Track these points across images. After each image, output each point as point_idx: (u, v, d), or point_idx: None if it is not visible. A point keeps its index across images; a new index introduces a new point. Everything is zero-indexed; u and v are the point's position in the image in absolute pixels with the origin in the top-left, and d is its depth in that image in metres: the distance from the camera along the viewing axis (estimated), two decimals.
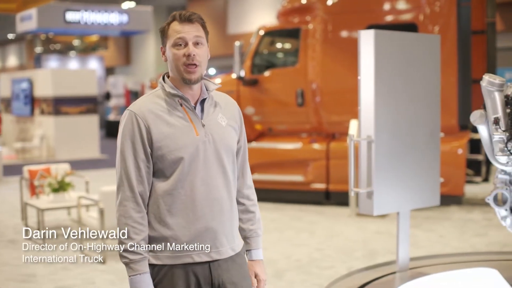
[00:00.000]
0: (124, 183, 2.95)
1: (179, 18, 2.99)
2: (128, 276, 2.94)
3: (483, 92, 4.91)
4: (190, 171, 2.95)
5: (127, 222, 2.93)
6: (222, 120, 3.08)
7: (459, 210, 10.71)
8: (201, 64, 2.98)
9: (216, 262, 3.02)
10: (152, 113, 2.96)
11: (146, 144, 2.94)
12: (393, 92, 5.55)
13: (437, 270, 5.92)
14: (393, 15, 11.04)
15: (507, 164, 4.95)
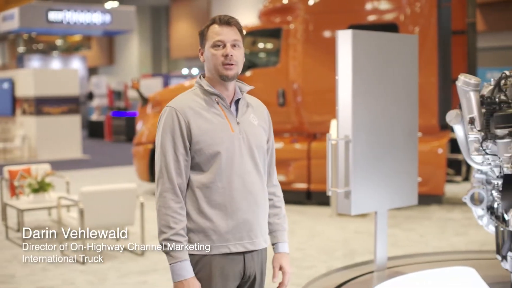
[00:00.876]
0: (164, 175, 3.10)
1: (219, 21, 3.17)
2: (169, 264, 3.08)
3: (459, 92, 4.94)
4: (227, 165, 3.12)
5: (167, 212, 3.06)
6: (254, 120, 3.26)
7: (440, 209, 10.76)
8: (238, 63, 3.16)
9: (250, 254, 3.21)
10: (192, 109, 3.13)
11: (185, 138, 3.10)
12: (371, 92, 5.57)
13: (415, 269, 5.95)
14: (374, 15, 11.07)
15: (482, 163, 4.98)
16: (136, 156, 12.37)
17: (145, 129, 12.32)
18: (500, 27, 22.55)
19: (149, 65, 37.03)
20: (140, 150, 12.25)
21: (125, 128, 24.71)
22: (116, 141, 25.36)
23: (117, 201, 7.87)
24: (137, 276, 7.16)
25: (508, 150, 4.41)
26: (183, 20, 33.74)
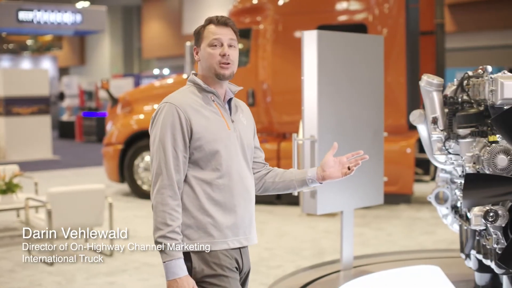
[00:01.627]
0: (163, 171, 3.10)
1: (216, 22, 3.22)
2: (163, 262, 3.07)
3: (422, 92, 4.99)
4: (227, 162, 3.15)
5: (164, 209, 3.06)
6: (244, 119, 3.33)
7: (408, 208, 10.83)
8: (233, 63, 3.21)
9: (244, 248, 3.27)
10: (191, 106, 3.15)
11: (186, 135, 3.12)
12: (336, 92, 5.60)
13: (381, 268, 6.00)
14: (343, 16, 11.12)
15: (445, 163, 5.03)
16: (106, 156, 12.31)
17: (115, 130, 12.27)
18: (469, 28, 22.75)
19: (120, 65, 36.87)
20: (109, 151, 12.19)
21: (96, 129, 24.55)
22: (87, 142, 25.20)
23: (85, 202, 7.83)
24: (106, 276, 7.13)
25: (470, 149, 4.45)
26: (154, 20, 33.65)
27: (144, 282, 6.91)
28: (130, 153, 11.97)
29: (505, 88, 4.17)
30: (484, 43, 22.92)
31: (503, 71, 4.32)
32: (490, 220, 4.06)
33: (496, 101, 4.21)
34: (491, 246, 4.31)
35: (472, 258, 5.06)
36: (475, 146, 4.41)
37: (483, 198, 3.90)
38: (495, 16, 21.88)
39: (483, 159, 4.10)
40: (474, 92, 4.69)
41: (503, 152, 4.05)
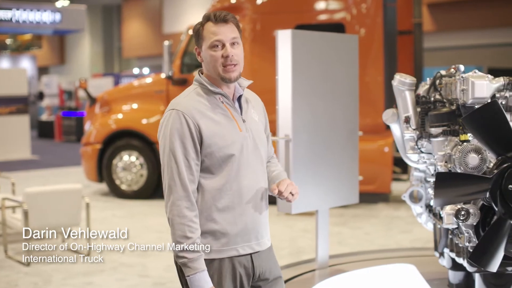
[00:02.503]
0: (177, 182, 2.98)
1: (214, 19, 3.03)
2: (187, 276, 2.98)
3: (395, 91, 5.01)
4: (239, 167, 3.04)
5: (182, 221, 2.97)
6: (255, 115, 3.20)
7: (386, 207, 10.88)
8: (239, 63, 3.05)
9: (257, 253, 3.14)
10: (198, 111, 3.01)
11: (196, 142, 2.99)
12: (311, 91, 5.61)
13: (356, 267, 6.02)
14: (321, 15, 11.13)
15: (418, 162, 5.05)
16: (84, 156, 12.27)
17: (93, 129, 12.22)
18: (448, 27, 22.86)
19: (101, 64, 36.72)
20: (88, 150, 12.15)
21: (76, 128, 24.45)
22: (67, 141, 25.09)
23: (62, 202, 7.79)
24: (83, 277, 7.10)
25: (442, 148, 4.48)
26: (135, 19, 33.55)
27: (121, 282, 6.90)
28: (108, 153, 11.94)
29: (476, 88, 4.20)
30: (463, 42, 23.04)
31: (474, 71, 4.35)
32: (461, 218, 4.08)
33: (467, 100, 4.24)
34: (463, 244, 4.33)
35: (445, 256, 5.09)
36: (447, 145, 4.43)
37: (454, 197, 3.91)
38: (474, 16, 22.00)
39: (454, 158, 4.12)
40: (447, 91, 4.72)
41: (474, 151, 4.07)
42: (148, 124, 11.83)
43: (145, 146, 11.80)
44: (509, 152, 3.78)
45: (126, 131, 12.01)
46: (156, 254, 7.86)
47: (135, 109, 12.22)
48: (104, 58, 36.99)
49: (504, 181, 3.77)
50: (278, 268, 3.29)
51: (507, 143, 3.78)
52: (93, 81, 25.37)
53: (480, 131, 3.80)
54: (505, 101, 4.40)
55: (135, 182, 11.90)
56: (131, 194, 11.87)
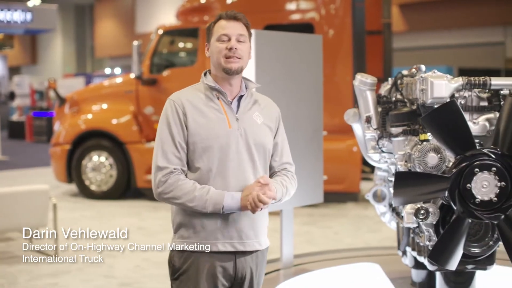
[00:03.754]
0: (159, 161, 3.09)
1: (225, 16, 3.19)
2: (223, 207, 3.05)
3: (356, 91, 5.03)
4: (220, 161, 3.09)
5: (173, 188, 3.06)
6: (258, 118, 3.23)
7: (356, 207, 10.91)
8: (242, 58, 3.17)
9: (243, 257, 3.16)
10: (190, 102, 3.15)
11: (184, 128, 3.11)
12: (274, 91, 5.61)
13: (321, 266, 6.04)
14: (290, 15, 11.16)
15: (379, 161, 5.08)
16: (54, 156, 12.18)
17: (63, 130, 12.15)
18: (420, 27, 23.00)
19: (73, 64, 36.49)
20: (57, 151, 12.07)
21: (46, 129, 24.26)
22: (37, 142, 24.89)
23: (29, 203, 7.73)
24: (48, 278, 7.04)
25: (402, 148, 4.50)
26: (107, 18, 33.40)
27: (87, 283, 6.85)
28: (78, 153, 11.87)
29: (435, 87, 4.22)
30: (435, 42, 23.21)
31: (433, 71, 4.38)
32: (421, 217, 4.10)
33: (426, 100, 4.26)
34: (424, 243, 4.37)
35: (408, 255, 5.12)
36: (407, 145, 4.46)
37: (414, 196, 3.94)
38: (445, 16, 22.16)
39: (414, 158, 4.14)
40: (407, 91, 4.75)
41: (433, 151, 4.09)
42: (117, 124, 11.78)
43: (115, 147, 11.75)
44: (468, 152, 3.81)
45: (96, 132, 11.95)
46: (122, 254, 7.82)
47: (105, 109, 12.17)
48: (76, 58, 36.78)
49: (463, 180, 3.81)
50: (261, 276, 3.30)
51: (465, 143, 3.81)
52: (65, 81, 25.21)
53: (439, 131, 3.82)
54: (464, 101, 4.43)
55: (104, 183, 11.84)
56: (101, 194, 11.81)
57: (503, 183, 3.78)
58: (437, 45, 23.17)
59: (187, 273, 3.13)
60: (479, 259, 4.32)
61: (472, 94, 4.44)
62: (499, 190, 3.79)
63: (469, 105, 4.43)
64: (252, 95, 3.29)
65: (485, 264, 4.41)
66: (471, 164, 3.80)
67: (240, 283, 3.19)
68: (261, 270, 3.30)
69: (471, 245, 4.19)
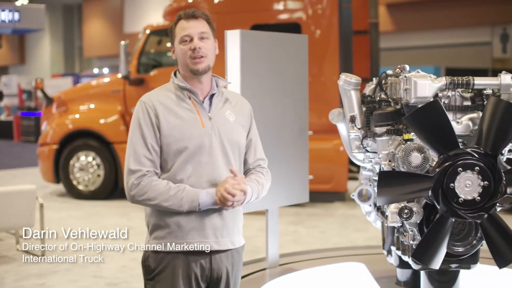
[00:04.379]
0: (131, 165, 3.08)
1: (184, 16, 3.16)
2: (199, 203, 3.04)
3: (340, 91, 5.05)
4: (194, 161, 3.08)
5: (147, 190, 3.06)
6: (230, 116, 3.22)
7: (343, 206, 10.93)
8: (207, 56, 3.15)
9: (218, 256, 3.14)
10: (161, 103, 3.12)
11: (156, 130, 3.10)
12: (260, 91, 5.62)
13: (307, 266, 6.05)
14: (277, 15, 11.17)
15: (363, 161, 5.10)
16: (41, 156, 12.15)
17: (50, 129, 12.12)
18: (407, 27, 23.06)
19: (61, 64, 36.38)
20: (44, 151, 12.04)
21: (34, 129, 24.18)
22: (25, 142, 24.80)
23: (15, 203, 7.70)
24: (36, 278, 7.03)
25: (386, 147, 4.52)
26: (96, 18, 33.32)
27: (75, 283, 6.85)
28: (65, 153, 11.84)
29: (419, 87, 4.24)
30: (422, 42, 23.28)
31: (417, 70, 4.40)
32: (404, 217, 4.12)
33: (410, 100, 4.28)
34: (408, 242, 4.38)
35: (393, 254, 5.14)
36: (391, 144, 4.47)
37: (397, 196, 3.96)
38: (433, 16, 22.23)
39: (397, 157, 4.16)
40: (392, 91, 4.76)
41: (417, 150, 4.11)
42: (105, 124, 11.77)
43: (102, 146, 11.73)
44: (451, 151, 3.83)
45: (83, 131, 11.93)
46: (110, 254, 7.81)
47: (92, 109, 12.15)
48: (64, 57, 36.66)
49: (446, 179, 3.83)
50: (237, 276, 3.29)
51: (448, 142, 3.84)
52: (52, 81, 25.14)
53: (422, 130, 3.84)
54: (448, 101, 4.46)
55: (92, 183, 11.82)
56: (88, 194, 11.80)
57: (486, 183, 3.81)
58: (424, 45, 23.24)
59: (163, 273, 3.12)
60: (462, 258, 4.34)
61: (456, 94, 4.47)
62: (482, 190, 3.82)
63: (453, 105, 4.46)
64: (223, 93, 3.29)
65: (469, 263, 4.43)
66: (454, 164, 3.82)
67: (216, 283, 3.19)
68: (237, 270, 3.29)
69: (455, 244, 4.21)
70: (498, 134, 3.80)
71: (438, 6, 21.95)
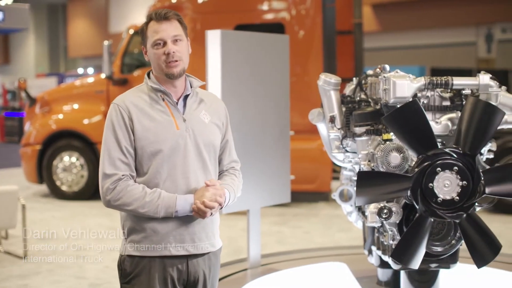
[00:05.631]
0: (106, 169, 3.02)
1: (155, 18, 3.07)
2: (175, 211, 3.01)
3: (320, 91, 5.06)
4: (170, 164, 3.03)
5: (123, 195, 3.00)
6: (205, 117, 3.17)
7: (327, 206, 10.93)
8: (182, 58, 3.08)
9: (195, 260, 3.11)
10: (135, 105, 3.07)
11: (130, 132, 3.04)
12: (241, 91, 5.62)
13: (289, 266, 6.05)
14: (261, 15, 11.16)
15: (343, 161, 5.09)
16: (24, 157, 12.10)
17: (33, 130, 12.07)
18: (393, 27, 23.13)
19: (46, 64, 36.22)
20: (28, 151, 11.99)
21: (18, 129, 24.07)
22: (9, 142, 24.69)
23: None
24: (18, 280, 7.00)
25: (366, 147, 4.52)
26: (80, 18, 33.21)
27: (57, 284, 6.81)
28: (48, 154, 11.80)
29: (397, 87, 4.24)
30: (407, 42, 23.36)
31: (396, 70, 4.40)
32: (384, 217, 4.12)
33: (389, 100, 4.28)
34: (388, 242, 4.39)
35: (373, 254, 5.14)
36: (370, 144, 4.48)
37: (376, 196, 3.95)
38: (418, 16, 22.31)
39: (377, 157, 4.16)
40: (372, 91, 4.77)
41: (396, 150, 4.11)
42: (88, 125, 11.73)
43: (86, 147, 11.70)
44: (429, 151, 3.84)
45: (67, 132, 11.89)
46: (93, 255, 7.78)
47: (76, 109, 12.11)
48: (49, 57, 36.50)
49: (425, 179, 3.82)
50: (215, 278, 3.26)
51: (427, 142, 3.84)
52: (37, 81, 25.03)
53: (401, 130, 3.84)
54: (427, 101, 4.46)
55: (75, 183, 11.78)
56: (72, 195, 11.76)
57: (464, 182, 3.81)
58: (409, 45, 23.32)
59: (139, 277, 3.08)
60: (442, 258, 4.35)
61: (435, 94, 4.48)
62: (460, 189, 3.82)
63: (432, 105, 4.46)
64: (198, 94, 3.24)
65: (448, 263, 4.45)
66: (433, 164, 3.82)
67: (193, 286, 3.16)
68: (215, 273, 3.26)
69: (434, 244, 4.22)
70: (476, 134, 3.80)
71: (423, 6, 22.03)
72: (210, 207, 3.02)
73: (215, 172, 3.23)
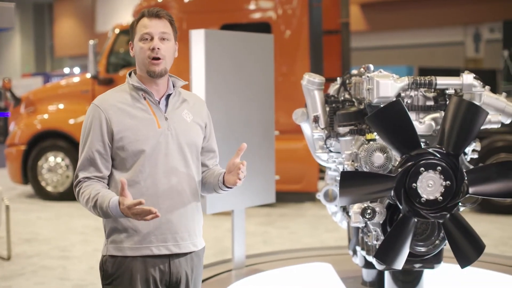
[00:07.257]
0: (78, 171, 3.05)
1: (147, 14, 3.07)
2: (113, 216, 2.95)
3: (304, 91, 5.04)
4: (151, 163, 3.01)
5: (80, 199, 3.03)
6: (187, 116, 3.16)
7: (313, 206, 10.92)
8: (165, 58, 3.06)
9: (177, 260, 3.08)
10: (115, 105, 3.05)
11: (105, 135, 3.02)
12: (225, 91, 5.59)
13: (274, 267, 6.03)
14: (248, 15, 11.15)
15: (327, 161, 5.08)
16: (9, 157, 12.03)
17: (18, 130, 12.00)
18: (381, 27, 23.17)
19: (32, 63, 36.07)
20: (12, 152, 11.92)
21: (3, 129, 23.95)
22: None
23: None
24: (1, 281, 6.95)
25: (349, 147, 4.51)
26: (67, 17, 33.10)
27: (41, 286, 6.77)
28: (33, 154, 11.74)
29: (381, 87, 4.23)
30: (396, 42, 23.41)
31: (379, 70, 4.39)
32: (367, 217, 4.11)
33: (372, 100, 4.27)
34: (372, 242, 4.38)
35: (358, 255, 5.13)
36: (354, 144, 4.47)
37: (360, 196, 3.94)
38: (406, 16, 22.36)
39: (360, 157, 4.15)
40: (355, 91, 4.76)
41: (379, 150, 4.10)
42: (74, 125, 11.68)
43: (71, 147, 11.65)
44: (413, 151, 3.83)
45: (52, 132, 11.83)
46: (77, 256, 7.75)
47: (61, 109, 12.06)
48: (35, 57, 36.34)
49: (408, 179, 3.82)
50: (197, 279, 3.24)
51: (410, 142, 3.83)
52: (23, 80, 24.90)
53: (384, 130, 3.83)
54: (411, 100, 4.45)
55: (61, 184, 11.73)
56: (57, 195, 11.71)
57: (448, 182, 3.80)
58: (397, 44, 23.36)
59: (120, 278, 3.05)
60: (426, 258, 4.34)
61: (418, 94, 4.47)
62: (444, 189, 3.81)
63: (415, 105, 4.46)
64: (180, 93, 3.22)
65: (432, 263, 4.43)
66: (416, 164, 3.81)
67: (175, 287, 3.13)
68: (197, 274, 3.23)
69: (418, 244, 4.21)
70: (460, 134, 3.80)
71: (411, 6, 22.08)
72: None
73: (197, 171, 3.21)
